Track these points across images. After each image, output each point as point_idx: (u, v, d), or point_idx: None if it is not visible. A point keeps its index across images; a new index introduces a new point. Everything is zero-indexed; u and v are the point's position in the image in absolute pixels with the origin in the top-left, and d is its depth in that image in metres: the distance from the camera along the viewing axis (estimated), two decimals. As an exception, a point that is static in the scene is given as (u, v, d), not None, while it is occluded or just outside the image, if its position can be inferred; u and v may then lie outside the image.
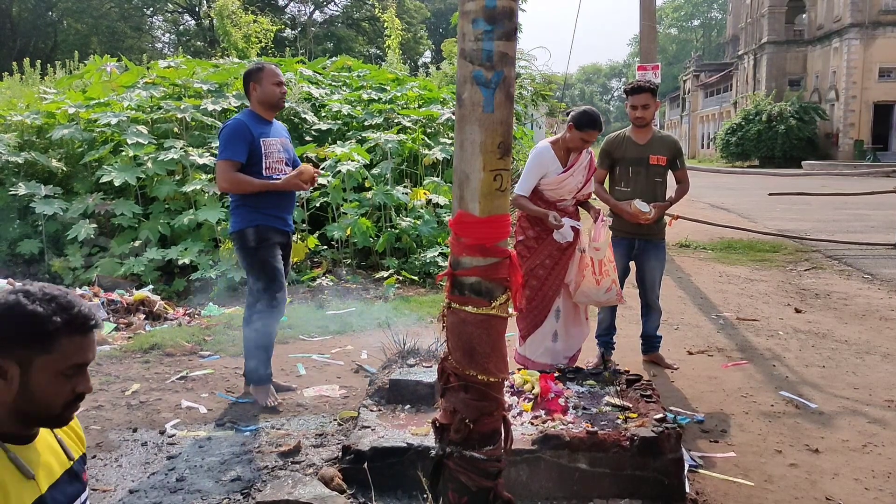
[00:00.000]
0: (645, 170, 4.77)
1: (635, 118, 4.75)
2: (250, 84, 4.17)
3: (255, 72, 4.17)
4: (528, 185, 4.42)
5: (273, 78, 4.16)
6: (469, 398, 2.22)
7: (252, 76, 4.17)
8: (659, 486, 2.97)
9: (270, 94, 4.16)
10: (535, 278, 4.42)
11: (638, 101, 4.69)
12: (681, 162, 4.91)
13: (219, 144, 4.14)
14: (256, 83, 4.15)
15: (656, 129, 4.88)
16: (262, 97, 4.16)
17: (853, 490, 3.18)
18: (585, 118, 4.28)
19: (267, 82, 4.14)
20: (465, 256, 2.19)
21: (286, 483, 2.87)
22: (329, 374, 4.87)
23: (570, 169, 4.41)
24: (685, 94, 60.70)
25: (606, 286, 4.42)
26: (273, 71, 4.18)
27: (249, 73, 4.19)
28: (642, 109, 4.70)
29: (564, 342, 4.56)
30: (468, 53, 2.07)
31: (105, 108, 8.39)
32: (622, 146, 4.82)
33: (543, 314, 4.48)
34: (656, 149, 4.79)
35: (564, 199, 4.47)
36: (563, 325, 4.55)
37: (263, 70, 4.16)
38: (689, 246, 10.38)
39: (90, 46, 28.16)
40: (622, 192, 4.79)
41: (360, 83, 11.15)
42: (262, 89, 4.14)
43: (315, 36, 35.42)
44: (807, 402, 4.27)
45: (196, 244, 7.39)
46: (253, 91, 4.16)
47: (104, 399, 4.34)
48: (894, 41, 37.11)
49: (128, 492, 3.15)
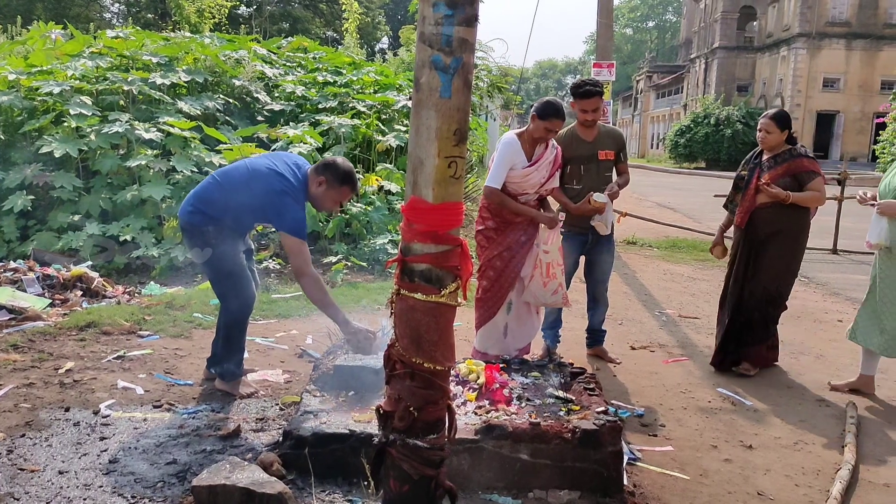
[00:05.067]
0: (595, 166, 4.80)
1: (585, 120, 4.77)
2: (325, 177, 3.81)
3: (342, 176, 3.82)
4: (500, 177, 4.33)
5: (344, 198, 3.94)
6: (415, 386, 2.20)
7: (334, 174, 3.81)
8: (598, 477, 3.00)
9: (325, 204, 3.92)
10: (493, 269, 4.41)
11: (589, 106, 4.69)
12: (624, 155, 4.97)
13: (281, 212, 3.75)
14: (330, 184, 3.82)
15: (600, 124, 4.92)
16: (319, 199, 3.88)
17: (784, 486, 3.27)
18: (550, 108, 4.24)
19: (337, 194, 3.87)
20: (416, 243, 2.16)
21: (224, 467, 2.81)
22: (272, 359, 4.80)
23: (536, 164, 4.37)
24: (638, 93, 61.63)
25: (553, 288, 4.45)
26: (350, 193, 3.95)
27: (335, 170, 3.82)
28: (592, 112, 4.72)
29: (514, 336, 4.58)
30: (427, 37, 2.04)
31: (48, 76, 8.09)
32: (572, 144, 4.82)
33: (497, 306, 4.48)
34: (604, 144, 4.83)
35: (527, 193, 4.42)
36: (514, 319, 4.56)
37: (347, 183, 3.85)
38: (635, 243, 10.55)
39: (34, 12, 27.05)
40: (573, 190, 4.79)
41: (316, 65, 11.00)
42: (326, 193, 3.84)
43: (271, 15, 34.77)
44: (742, 400, 4.38)
45: (139, 221, 7.20)
46: (321, 184, 3.82)
47: (35, 377, 4.20)
48: (839, 52, 38.35)
49: (57, 472, 3.05)
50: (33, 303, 5.62)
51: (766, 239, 4.73)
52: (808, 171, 4.66)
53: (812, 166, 4.68)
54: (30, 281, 6.07)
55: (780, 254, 4.73)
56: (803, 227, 4.77)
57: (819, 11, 38.21)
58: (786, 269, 4.78)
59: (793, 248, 4.76)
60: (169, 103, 8.27)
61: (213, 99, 8.59)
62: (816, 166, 4.70)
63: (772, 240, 4.71)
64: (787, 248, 4.73)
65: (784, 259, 4.75)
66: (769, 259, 4.74)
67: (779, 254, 4.73)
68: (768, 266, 4.75)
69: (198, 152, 7.62)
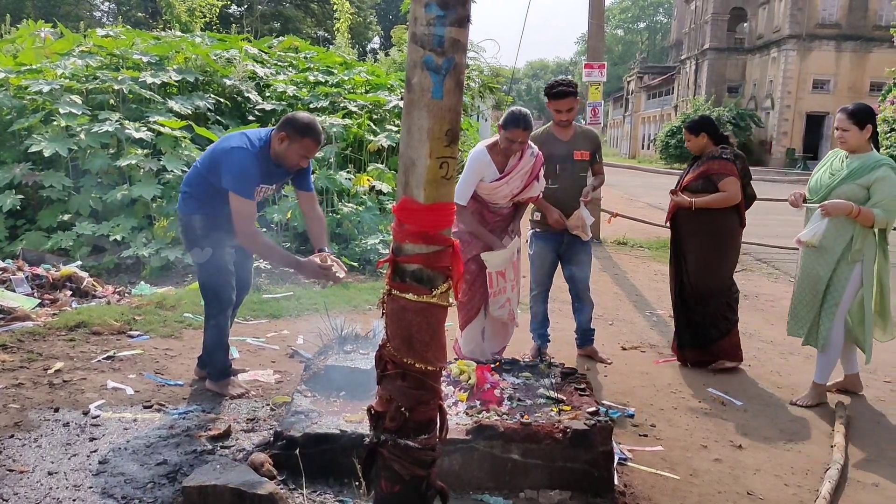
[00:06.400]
0: (571, 165, 4.81)
1: (560, 120, 4.80)
2: (286, 132, 3.75)
3: (302, 128, 3.74)
4: (467, 193, 4.26)
5: (308, 151, 3.82)
6: (406, 386, 2.20)
7: (294, 127, 3.74)
8: (589, 478, 3.01)
9: (290, 159, 3.81)
10: (468, 272, 4.37)
11: (563, 106, 4.72)
12: (599, 156, 4.99)
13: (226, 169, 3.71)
14: (292, 138, 3.75)
15: (576, 124, 4.94)
16: (283, 155, 3.79)
17: (774, 486, 3.29)
18: (509, 117, 4.15)
19: (300, 147, 3.77)
20: (407, 243, 2.16)
21: (214, 468, 2.80)
22: (263, 359, 4.79)
23: (506, 177, 4.30)
24: (629, 94, 61.77)
25: (500, 303, 4.45)
26: (314, 144, 3.82)
27: (294, 123, 3.75)
28: (567, 112, 4.75)
29: (489, 340, 4.58)
30: (419, 38, 2.04)
31: (37, 74, 8.03)
32: (547, 144, 4.82)
33: (475, 309, 4.48)
34: (580, 144, 4.85)
35: (497, 203, 4.39)
36: (489, 323, 4.56)
37: (309, 135, 3.76)
38: (626, 244, 10.59)
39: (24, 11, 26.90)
40: (549, 189, 4.77)
41: (307, 65, 10.97)
42: (289, 148, 3.76)
43: (262, 14, 34.69)
44: (732, 400, 4.39)
45: (129, 220, 7.16)
46: (283, 140, 3.76)
47: (25, 377, 4.17)
48: (829, 54, 38.53)
49: (46, 473, 3.03)
50: (22, 303, 5.59)
51: (687, 239, 4.93)
52: (719, 172, 4.78)
53: (723, 168, 4.78)
54: (19, 280, 6.04)
55: (701, 255, 4.88)
56: (724, 229, 4.86)
57: (809, 13, 38.39)
58: (708, 269, 4.88)
59: (714, 250, 4.86)
60: (159, 102, 8.23)
61: (203, 98, 8.55)
62: (728, 167, 4.78)
63: (692, 240, 4.90)
64: (706, 250, 4.86)
65: (705, 260, 4.87)
66: (692, 259, 4.92)
67: (699, 255, 4.88)
68: (693, 267, 4.91)
69: (188, 152, 7.58)
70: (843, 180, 4.16)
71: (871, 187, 4.07)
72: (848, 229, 4.13)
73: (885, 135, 21.05)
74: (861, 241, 4.12)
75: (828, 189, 4.21)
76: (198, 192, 3.92)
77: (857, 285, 4.19)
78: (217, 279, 3.98)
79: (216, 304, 4.02)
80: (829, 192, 4.19)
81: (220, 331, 4.06)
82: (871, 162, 4.10)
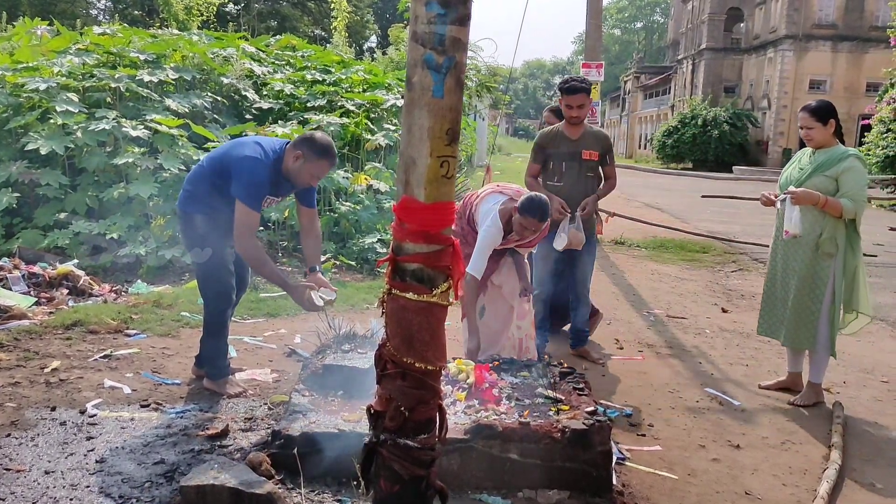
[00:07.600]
0: (577, 164, 4.82)
1: (570, 117, 4.79)
2: (302, 150, 3.71)
3: (319, 150, 3.71)
4: (481, 266, 4.19)
5: (321, 172, 3.83)
6: (406, 386, 2.19)
7: (311, 147, 3.71)
8: (587, 477, 3.01)
9: (302, 178, 3.80)
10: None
11: (574, 101, 4.72)
12: (610, 158, 4.98)
13: (237, 177, 3.68)
14: (307, 158, 3.72)
15: (588, 125, 4.93)
16: (295, 172, 3.77)
17: (771, 485, 3.29)
18: (527, 203, 4.05)
19: (314, 167, 3.76)
20: (407, 242, 2.16)
21: (212, 467, 2.80)
22: (261, 358, 4.78)
23: (506, 245, 4.35)
24: (625, 94, 61.84)
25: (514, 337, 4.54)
26: (328, 167, 3.83)
27: (312, 144, 3.72)
28: (578, 109, 4.74)
29: (485, 340, 4.57)
30: (420, 36, 2.03)
31: (34, 72, 8.00)
32: (555, 141, 4.84)
33: (472, 307, 4.47)
34: (589, 144, 4.85)
35: None
36: (484, 325, 4.53)
37: (325, 157, 3.75)
38: (623, 243, 10.58)
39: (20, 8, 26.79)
40: (554, 187, 4.82)
41: (304, 63, 10.95)
42: (303, 167, 3.73)
43: (259, 13, 34.64)
44: (730, 399, 4.40)
45: (126, 219, 7.14)
46: (297, 158, 3.72)
47: (21, 376, 4.16)
48: (825, 55, 38.61)
49: (43, 472, 3.02)
50: (18, 301, 5.57)
51: None
52: None
53: None
54: (15, 279, 6.01)
55: None
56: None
57: (805, 13, 38.47)
58: None
59: None
60: (156, 101, 8.21)
61: (201, 97, 8.53)
62: None
63: None
64: None
65: None
66: None
67: None
68: None
69: (185, 150, 7.56)
70: (811, 174, 4.20)
71: (839, 178, 4.11)
72: (819, 222, 4.16)
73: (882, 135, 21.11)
74: (832, 232, 4.15)
75: (797, 183, 4.25)
76: (200, 191, 3.91)
77: (838, 279, 4.20)
78: (217, 279, 3.97)
79: (215, 303, 4.01)
80: (799, 186, 4.22)
81: (219, 330, 4.05)
82: (837, 154, 4.15)
